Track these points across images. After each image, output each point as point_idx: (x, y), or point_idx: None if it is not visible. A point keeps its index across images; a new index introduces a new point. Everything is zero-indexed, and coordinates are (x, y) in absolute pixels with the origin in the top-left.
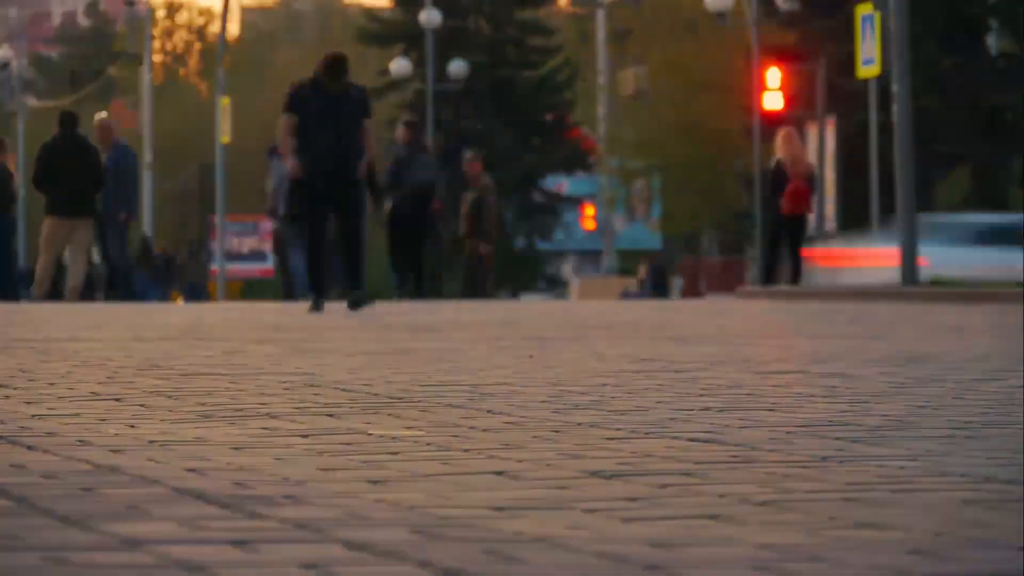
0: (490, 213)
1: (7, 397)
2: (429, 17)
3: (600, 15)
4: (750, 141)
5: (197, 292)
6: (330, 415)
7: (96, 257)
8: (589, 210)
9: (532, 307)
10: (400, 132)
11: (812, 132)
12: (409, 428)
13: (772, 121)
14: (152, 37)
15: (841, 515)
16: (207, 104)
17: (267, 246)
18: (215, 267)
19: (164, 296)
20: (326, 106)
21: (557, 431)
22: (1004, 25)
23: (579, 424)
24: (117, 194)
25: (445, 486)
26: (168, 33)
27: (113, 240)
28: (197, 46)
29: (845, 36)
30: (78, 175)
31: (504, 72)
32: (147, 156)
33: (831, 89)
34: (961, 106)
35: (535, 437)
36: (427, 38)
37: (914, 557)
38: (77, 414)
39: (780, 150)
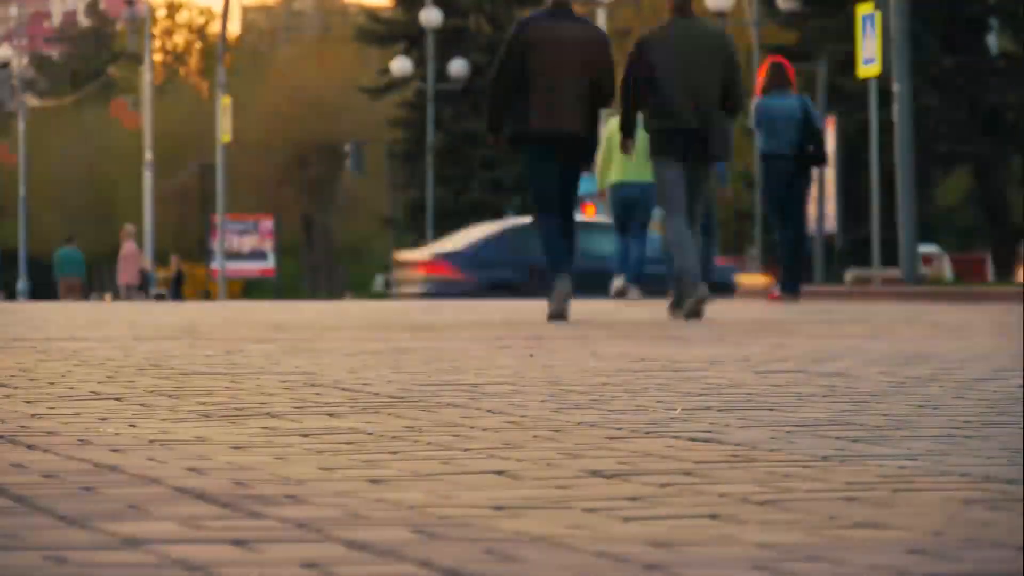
0: None
1: (7, 397)
2: (429, 17)
3: (600, 15)
4: (750, 141)
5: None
6: (330, 415)
7: None
8: (589, 210)
9: (532, 306)
10: None
11: None
12: (410, 427)
13: None
14: (152, 37)
15: (841, 515)
16: (207, 104)
17: (268, 245)
18: (216, 267)
19: None
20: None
21: (557, 431)
22: (1004, 25)
23: (579, 424)
24: None
25: (445, 486)
26: (168, 33)
27: None
28: (197, 46)
29: (845, 36)
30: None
31: None
32: (147, 156)
33: (831, 89)
34: (961, 106)
35: (535, 437)
36: (427, 38)
37: (914, 557)
38: (77, 413)
39: None
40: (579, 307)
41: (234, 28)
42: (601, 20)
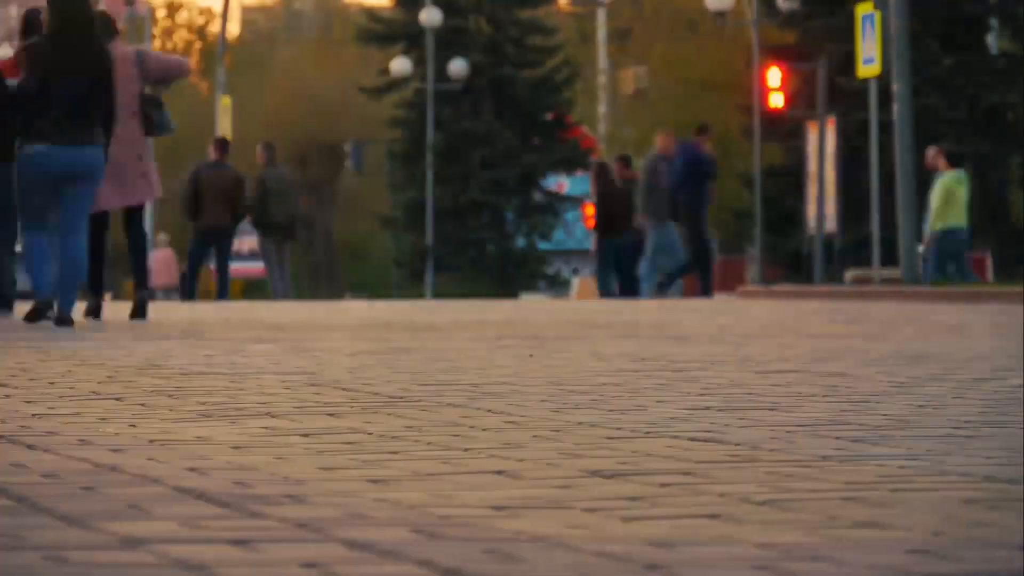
0: None
1: (7, 396)
2: (429, 17)
3: (600, 15)
4: (750, 141)
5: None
6: (330, 414)
7: None
8: (590, 209)
9: (532, 306)
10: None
11: (812, 132)
12: (409, 427)
13: (772, 121)
14: (152, 37)
15: (841, 514)
16: (207, 104)
17: None
18: (215, 266)
19: None
20: None
21: (557, 431)
22: (1004, 24)
23: (579, 424)
24: None
25: (445, 486)
26: (168, 33)
27: None
28: (197, 46)
29: (845, 36)
30: None
31: (504, 72)
32: None
33: (831, 89)
34: (961, 106)
35: (535, 437)
36: (427, 38)
37: (914, 557)
38: (77, 413)
39: None
40: None
41: (234, 28)
42: (601, 20)
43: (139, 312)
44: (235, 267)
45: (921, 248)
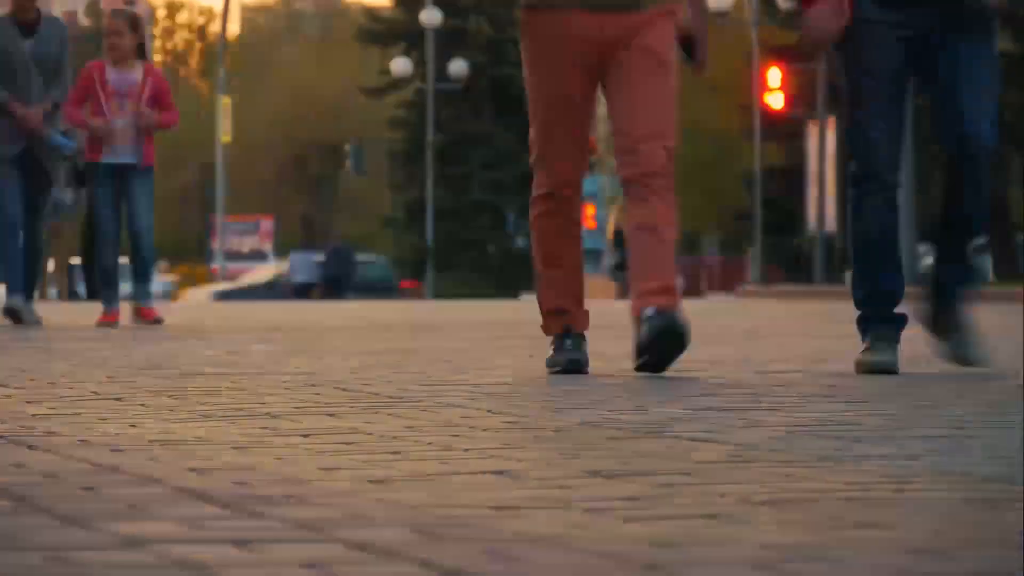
0: None
1: (7, 396)
2: (429, 17)
3: None
4: (750, 141)
5: None
6: (330, 415)
7: None
8: (589, 210)
9: (532, 307)
10: None
11: (812, 132)
12: (410, 427)
13: (772, 121)
14: (152, 37)
15: (841, 515)
16: (207, 104)
17: (267, 245)
18: (215, 266)
19: None
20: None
21: (557, 431)
22: (1004, 25)
23: (579, 424)
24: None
25: (445, 486)
26: (168, 33)
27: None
28: (197, 46)
29: None
30: None
31: (504, 72)
32: None
33: (831, 89)
34: None
35: (535, 437)
36: (427, 38)
37: (914, 557)
38: (77, 413)
39: None
40: None
41: (234, 28)
42: None
43: None
44: (235, 267)
45: None
